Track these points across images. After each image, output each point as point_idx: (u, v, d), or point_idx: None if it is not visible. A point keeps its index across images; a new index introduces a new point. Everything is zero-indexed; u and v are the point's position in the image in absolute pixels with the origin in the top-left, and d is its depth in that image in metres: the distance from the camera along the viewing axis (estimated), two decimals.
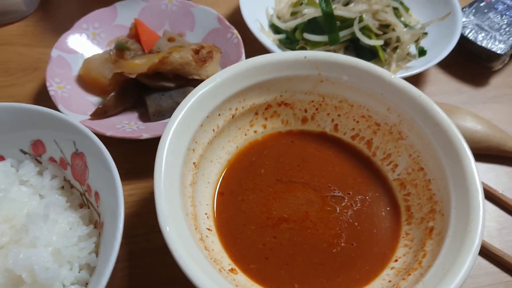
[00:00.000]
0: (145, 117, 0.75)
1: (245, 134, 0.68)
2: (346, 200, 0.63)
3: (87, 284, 0.52)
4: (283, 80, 0.66)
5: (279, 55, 0.65)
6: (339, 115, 0.69)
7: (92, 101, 0.75)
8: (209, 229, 0.58)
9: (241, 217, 0.61)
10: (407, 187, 0.63)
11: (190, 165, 0.59)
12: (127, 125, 0.71)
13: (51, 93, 0.71)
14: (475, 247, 0.48)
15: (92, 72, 0.76)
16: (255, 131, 0.69)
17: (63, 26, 0.85)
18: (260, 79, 0.64)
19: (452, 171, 0.56)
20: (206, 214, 0.60)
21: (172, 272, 0.56)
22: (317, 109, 0.69)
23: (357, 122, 0.68)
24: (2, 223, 0.52)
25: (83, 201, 0.60)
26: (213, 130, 0.63)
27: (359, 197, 0.63)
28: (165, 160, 0.54)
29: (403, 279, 0.52)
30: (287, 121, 0.70)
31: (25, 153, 0.61)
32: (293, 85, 0.67)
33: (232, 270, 0.55)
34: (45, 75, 0.73)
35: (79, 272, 0.52)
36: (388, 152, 0.66)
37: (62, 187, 0.60)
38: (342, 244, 0.59)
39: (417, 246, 0.56)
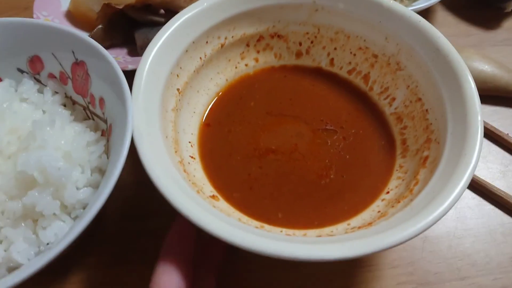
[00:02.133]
0: (134, 53, 0.73)
1: (236, 67, 0.65)
2: (338, 134, 0.59)
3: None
4: (275, 8, 0.62)
5: None
6: (335, 49, 0.65)
7: None
8: (192, 157, 0.56)
9: (227, 148, 0.58)
10: (403, 121, 0.59)
11: (174, 90, 0.56)
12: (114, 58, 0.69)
13: None
14: (470, 168, 0.44)
15: (80, 6, 0.73)
16: (246, 65, 0.65)
17: None
18: (250, 6, 0.61)
19: (451, 96, 0.52)
20: (190, 142, 0.57)
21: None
22: (312, 42, 0.65)
23: (354, 55, 0.64)
24: (8, 134, 0.51)
25: (87, 115, 0.58)
26: (200, 58, 0.60)
27: (353, 131, 0.60)
28: (145, 79, 0.51)
29: (392, 206, 0.49)
30: (281, 55, 0.66)
31: (22, 72, 0.59)
32: (286, 14, 0.63)
33: (213, 196, 0.53)
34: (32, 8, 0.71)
35: (91, 175, 0.51)
36: (386, 85, 0.62)
37: (64, 105, 0.59)
38: (332, 176, 0.56)
39: (410, 177, 0.53)
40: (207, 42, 0.60)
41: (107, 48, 0.72)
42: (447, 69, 0.53)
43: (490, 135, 0.68)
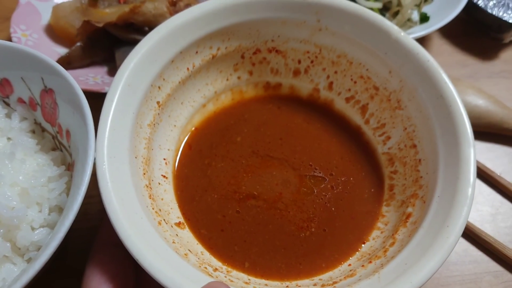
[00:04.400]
0: (115, 71, 0.68)
1: (227, 79, 0.61)
2: (326, 182, 0.55)
3: None
4: (277, 22, 0.57)
5: None
6: (335, 72, 0.60)
7: (60, 52, 0.70)
8: (164, 176, 0.53)
9: (204, 182, 0.55)
10: (395, 164, 0.55)
11: (153, 103, 0.52)
12: (91, 78, 0.66)
13: (14, 39, 0.66)
14: (449, 245, 0.41)
15: (60, 20, 0.70)
16: (238, 77, 0.61)
17: None
18: (250, 17, 0.56)
19: (446, 154, 0.47)
20: (165, 159, 0.54)
21: None
22: (312, 62, 0.61)
23: (355, 82, 0.59)
24: None
25: (56, 144, 0.54)
26: (188, 68, 0.56)
27: (342, 178, 0.56)
28: (119, 94, 0.48)
29: (362, 266, 0.46)
30: (277, 70, 0.62)
31: None
32: (287, 30, 0.58)
33: (179, 224, 0.50)
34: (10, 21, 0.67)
35: (49, 214, 0.47)
36: (383, 121, 0.57)
37: (33, 131, 0.55)
38: (312, 229, 0.52)
39: (389, 232, 0.50)
40: (197, 52, 0.56)
41: (86, 66, 0.69)
42: (448, 122, 0.48)
43: (482, 174, 0.64)
